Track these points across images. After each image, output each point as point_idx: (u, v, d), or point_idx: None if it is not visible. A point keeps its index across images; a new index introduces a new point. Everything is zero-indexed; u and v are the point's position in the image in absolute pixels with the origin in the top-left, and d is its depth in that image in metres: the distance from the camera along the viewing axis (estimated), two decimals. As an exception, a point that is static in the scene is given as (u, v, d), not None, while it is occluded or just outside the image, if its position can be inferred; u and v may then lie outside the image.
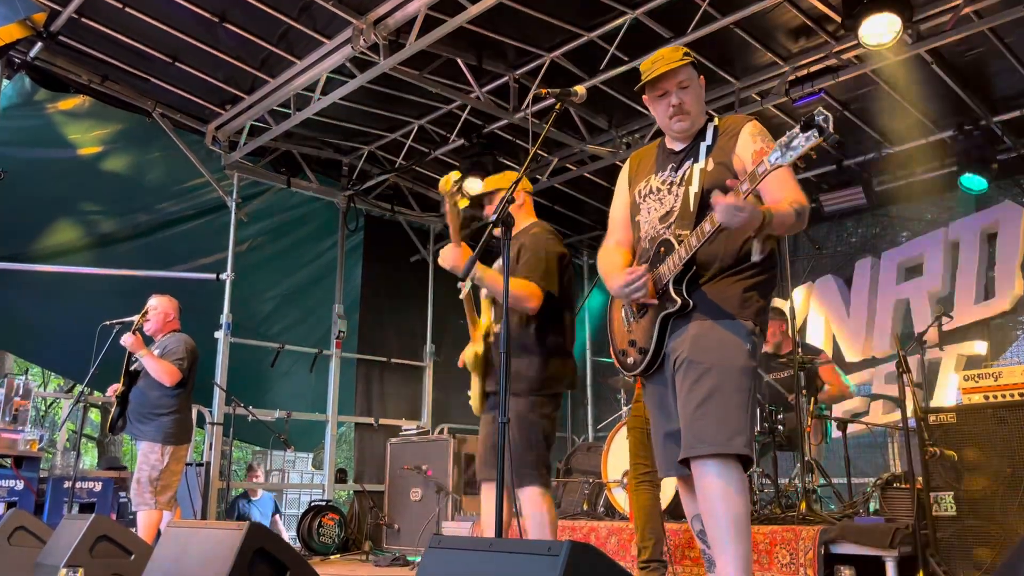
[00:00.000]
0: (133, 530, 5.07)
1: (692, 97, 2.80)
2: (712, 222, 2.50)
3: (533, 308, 3.32)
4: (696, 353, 2.58)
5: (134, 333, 5.06)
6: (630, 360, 2.83)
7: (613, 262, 2.90)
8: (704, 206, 2.58)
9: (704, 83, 2.88)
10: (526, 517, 3.32)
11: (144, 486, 4.98)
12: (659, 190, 2.83)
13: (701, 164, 2.73)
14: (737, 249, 2.66)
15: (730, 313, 2.62)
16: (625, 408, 6.31)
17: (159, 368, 5.06)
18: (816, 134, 2.23)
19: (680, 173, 2.79)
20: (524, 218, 3.69)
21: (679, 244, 2.63)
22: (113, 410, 5.19)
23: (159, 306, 5.38)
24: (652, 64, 2.79)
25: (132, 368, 5.24)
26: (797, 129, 2.26)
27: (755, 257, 2.55)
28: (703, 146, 2.78)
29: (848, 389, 6.10)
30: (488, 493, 3.56)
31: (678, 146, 2.87)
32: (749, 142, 2.69)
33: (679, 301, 2.62)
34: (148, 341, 5.35)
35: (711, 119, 2.87)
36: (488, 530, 3.16)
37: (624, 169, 3.08)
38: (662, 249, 2.70)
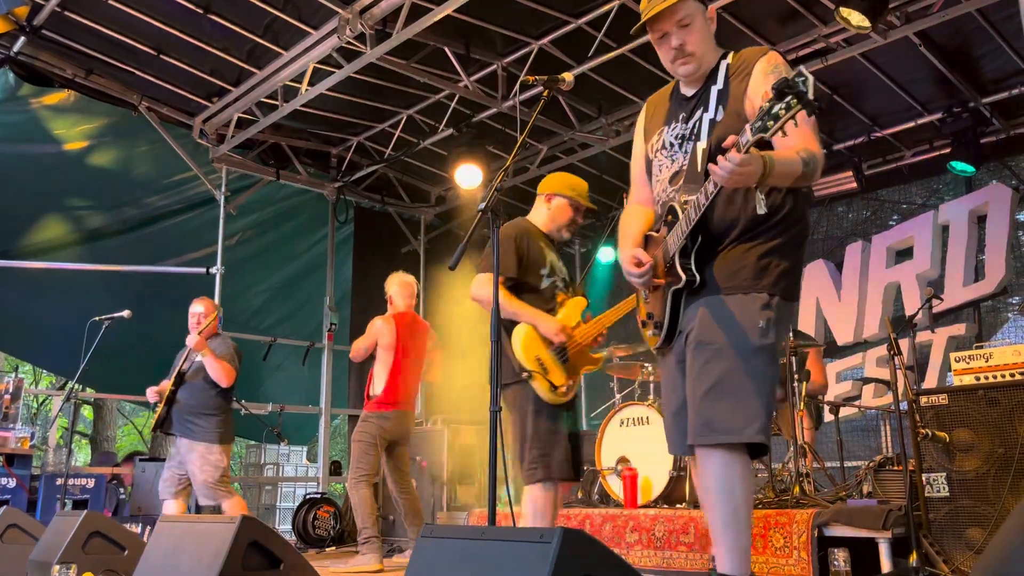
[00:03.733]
0: (128, 526, 5.08)
1: (696, 36, 2.51)
2: (711, 188, 2.29)
3: None
4: (704, 333, 2.39)
5: (201, 335, 5.09)
6: (649, 333, 2.63)
7: (629, 230, 2.67)
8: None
9: (713, 16, 2.58)
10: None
11: (214, 485, 5.09)
12: (671, 145, 2.58)
13: (711, 114, 2.48)
14: (751, 211, 2.39)
15: (743, 285, 2.39)
16: (618, 396, 6.31)
17: (220, 369, 5.12)
18: (794, 101, 1.98)
19: (690, 125, 2.54)
20: None
21: (682, 212, 2.40)
22: (160, 409, 5.21)
23: (207, 310, 5.39)
24: (648, 3, 2.52)
25: (182, 369, 5.27)
26: (773, 95, 2.02)
27: (760, 210, 2.24)
28: (714, 91, 2.50)
29: (826, 381, 6.10)
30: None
31: (689, 91, 2.60)
32: (761, 82, 2.40)
33: (684, 277, 2.41)
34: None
35: (726, 55, 2.56)
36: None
37: (640, 117, 2.82)
38: (669, 217, 2.48)
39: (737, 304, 2.39)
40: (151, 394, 5.29)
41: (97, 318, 5.43)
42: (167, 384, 5.26)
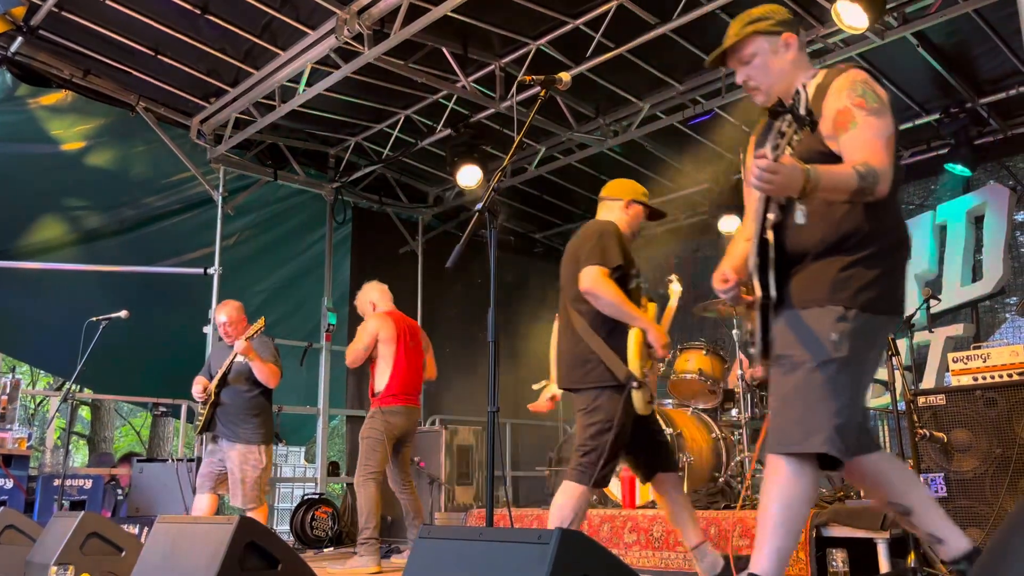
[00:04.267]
0: (125, 527, 5.07)
1: (760, 71, 2.61)
2: (759, 206, 2.35)
3: None
4: (780, 347, 2.46)
5: (247, 340, 5.11)
6: (751, 350, 2.67)
7: (732, 249, 2.76)
8: None
9: (791, 40, 2.62)
10: None
11: (251, 486, 5.12)
12: None
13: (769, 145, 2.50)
14: (834, 228, 2.43)
15: (818, 299, 2.41)
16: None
17: (267, 371, 5.16)
18: (791, 120, 2.10)
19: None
20: None
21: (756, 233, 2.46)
22: (207, 411, 5.24)
23: (233, 316, 5.42)
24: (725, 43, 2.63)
25: (225, 371, 5.28)
26: (771, 115, 2.12)
27: (799, 220, 2.28)
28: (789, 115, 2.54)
29: None
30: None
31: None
32: (834, 101, 2.45)
33: (759, 293, 2.44)
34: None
35: (816, 75, 2.60)
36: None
37: (749, 146, 2.90)
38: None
39: (811, 317, 2.42)
40: (198, 392, 5.27)
41: (94, 318, 5.42)
42: (209, 384, 5.27)
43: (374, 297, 5.73)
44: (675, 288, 4.26)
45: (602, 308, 3.39)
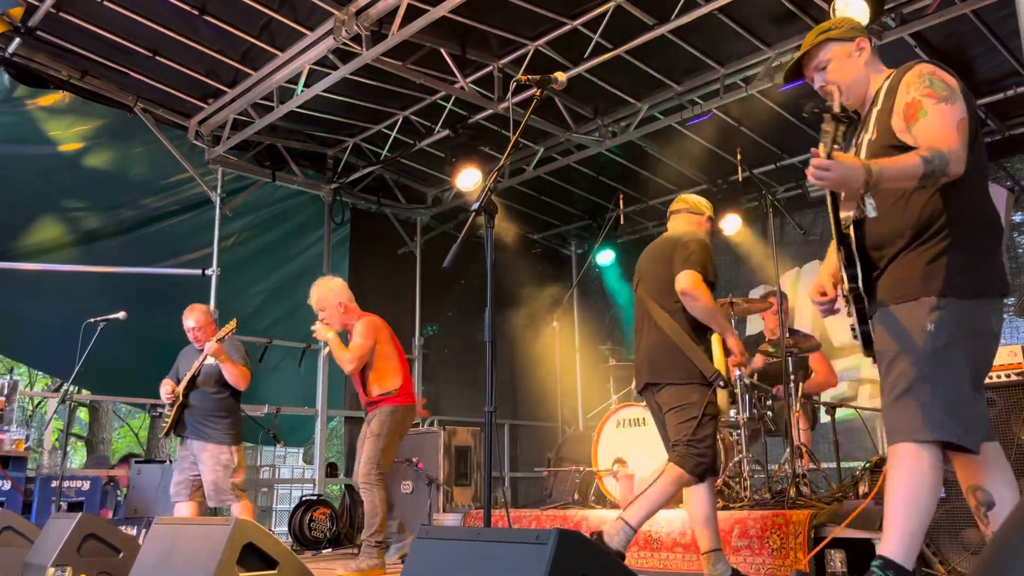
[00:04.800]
0: (123, 529, 5.06)
1: (836, 74, 2.69)
2: (829, 195, 2.45)
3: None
4: (880, 345, 2.52)
5: (218, 341, 5.05)
6: (855, 341, 2.74)
7: (828, 258, 2.84)
8: None
9: (864, 46, 2.71)
10: None
11: (221, 487, 5.08)
12: None
13: (870, 134, 2.60)
14: (915, 218, 2.47)
15: (909, 293, 2.45)
16: (615, 397, 6.32)
17: (237, 373, 5.12)
18: (829, 118, 2.23)
19: (854, 147, 2.68)
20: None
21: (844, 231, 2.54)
22: (173, 412, 5.19)
23: (202, 319, 5.33)
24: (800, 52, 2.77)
25: (194, 373, 5.23)
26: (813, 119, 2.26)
27: (870, 214, 2.38)
28: (874, 112, 2.62)
29: (836, 378, 6.13)
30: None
31: (860, 115, 2.74)
32: (903, 94, 2.52)
33: (848, 285, 2.54)
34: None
35: (890, 76, 2.67)
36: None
37: None
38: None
39: (905, 312, 2.46)
40: (166, 393, 5.23)
41: (93, 319, 5.41)
42: (175, 386, 5.22)
43: (344, 297, 5.28)
44: None
45: (695, 311, 3.59)
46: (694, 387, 3.59)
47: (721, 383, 3.56)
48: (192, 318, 5.33)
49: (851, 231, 2.56)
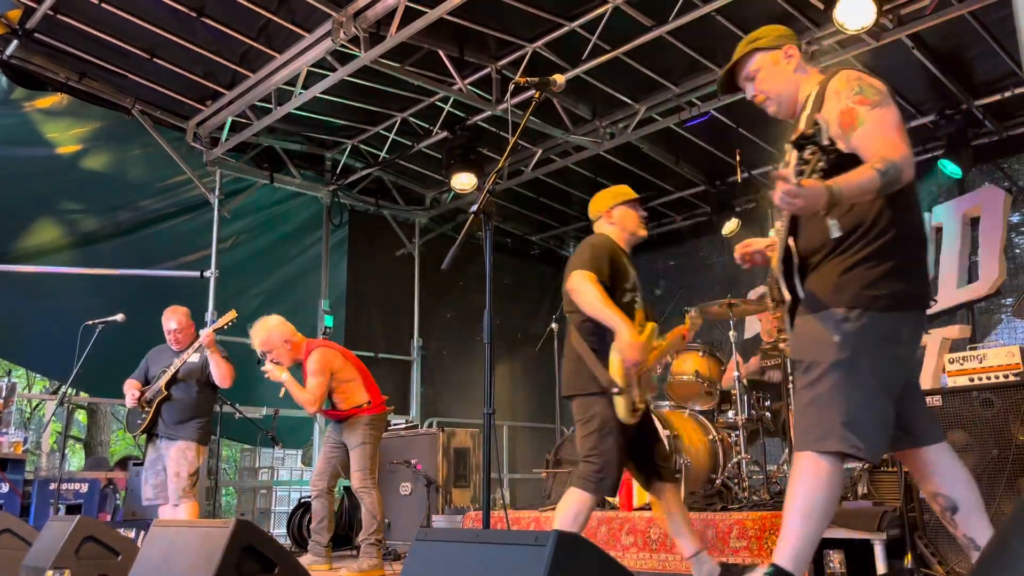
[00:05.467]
0: (121, 531, 5.05)
1: (765, 83, 2.72)
2: (780, 224, 2.49)
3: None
4: (794, 351, 2.55)
5: (213, 331, 5.08)
6: (783, 345, 2.74)
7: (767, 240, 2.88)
8: None
9: (792, 53, 2.71)
10: None
11: (183, 479, 5.10)
12: None
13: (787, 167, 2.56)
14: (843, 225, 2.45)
15: (823, 302, 2.46)
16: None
17: (226, 369, 5.12)
18: (815, 149, 2.19)
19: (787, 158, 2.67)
20: None
21: (777, 236, 2.59)
22: (152, 410, 5.17)
23: (183, 321, 5.34)
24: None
25: (177, 368, 5.22)
26: (794, 148, 2.23)
27: (833, 234, 2.34)
28: (803, 117, 2.61)
29: None
30: None
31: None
32: (834, 102, 2.48)
33: (788, 296, 2.54)
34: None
35: (825, 80, 2.61)
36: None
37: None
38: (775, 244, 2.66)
39: (816, 321, 2.47)
40: (132, 400, 5.20)
41: (91, 322, 5.40)
42: (136, 383, 5.22)
43: (287, 333, 5.25)
44: (693, 320, 4.14)
45: (583, 306, 3.40)
46: (596, 398, 3.42)
47: (614, 390, 3.34)
48: (175, 320, 5.32)
49: (792, 242, 2.54)
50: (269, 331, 5.22)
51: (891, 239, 2.45)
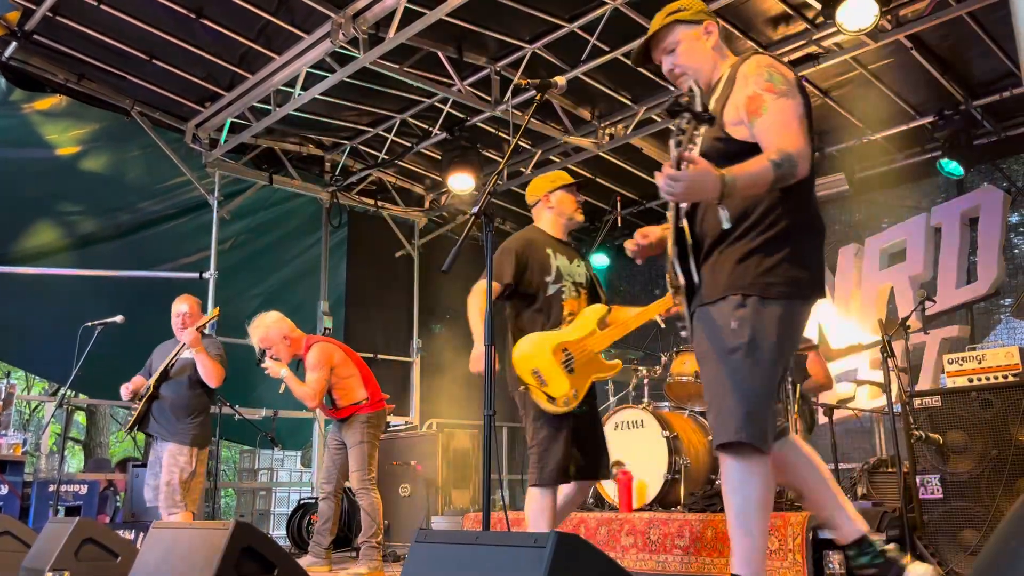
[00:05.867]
0: (121, 533, 5.04)
1: (683, 57, 2.63)
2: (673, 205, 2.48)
3: None
4: (695, 345, 2.54)
5: (198, 331, 4.96)
6: (684, 334, 2.73)
7: (660, 229, 2.85)
8: None
9: (713, 28, 2.66)
10: None
11: (175, 489, 4.92)
12: None
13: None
14: (735, 211, 2.43)
15: (719, 291, 2.44)
16: (613, 400, 6.32)
17: (212, 368, 4.99)
18: (690, 117, 2.16)
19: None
20: None
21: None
22: (141, 406, 5.06)
23: (193, 309, 5.25)
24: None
25: (169, 364, 5.12)
26: (669, 116, 2.24)
27: (724, 225, 2.32)
28: (712, 100, 2.55)
29: (831, 381, 6.12)
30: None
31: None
32: (742, 86, 2.45)
33: (682, 281, 2.53)
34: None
35: (739, 62, 2.58)
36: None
37: None
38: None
39: (715, 311, 2.45)
40: (125, 392, 5.14)
41: (90, 323, 5.40)
42: (142, 380, 5.12)
43: (285, 329, 5.26)
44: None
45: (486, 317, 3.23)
46: (521, 393, 3.53)
47: (522, 388, 3.44)
48: (186, 304, 5.26)
49: (685, 225, 2.54)
50: (267, 327, 5.23)
51: (787, 227, 2.44)
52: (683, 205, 2.54)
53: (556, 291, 3.61)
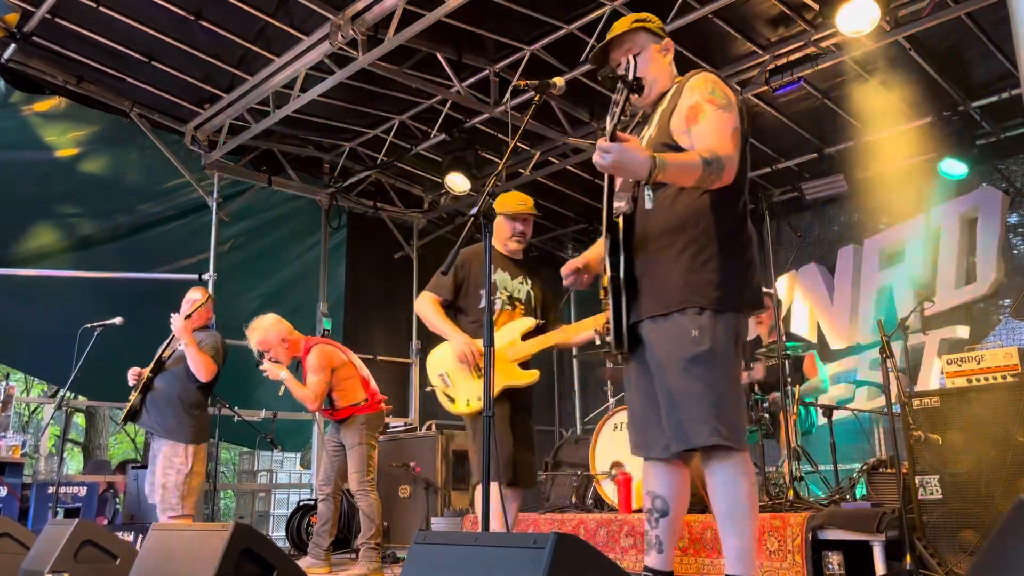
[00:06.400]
0: (120, 535, 5.02)
1: (645, 63, 2.73)
2: (607, 177, 2.58)
3: None
4: (654, 354, 2.60)
5: (186, 318, 4.87)
6: (607, 339, 2.78)
7: (589, 251, 2.92)
8: None
9: (670, 48, 2.81)
10: None
11: (172, 491, 4.81)
12: None
13: (651, 131, 2.71)
14: (679, 219, 2.59)
15: (674, 303, 2.56)
16: (612, 400, 6.32)
17: (200, 361, 4.84)
18: (621, 86, 2.34)
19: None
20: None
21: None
22: (134, 398, 4.94)
23: (201, 299, 5.15)
24: (608, 36, 2.80)
25: (163, 356, 5.04)
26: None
27: (647, 205, 2.41)
28: (659, 110, 2.72)
29: (821, 384, 6.12)
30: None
31: (647, 112, 2.86)
32: (687, 98, 2.62)
33: (610, 274, 2.61)
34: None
35: (685, 79, 2.76)
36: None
37: None
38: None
39: (673, 322, 2.56)
40: (132, 375, 5.04)
41: (89, 325, 5.39)
42: (143, 371, 5.01)
43: (284, 331, 5.24)
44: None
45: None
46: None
47: (428, 388, 3.76)
48: (200, 292, 5.21)
49: (620, 221, 2.64)
50: (265, 330, 5.21)
51: (733, 242, 2.61)
52: (623, 204, 2.66)
53: (487, 304, 3.70)
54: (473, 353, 3.60)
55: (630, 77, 2.33)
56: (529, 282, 3.91)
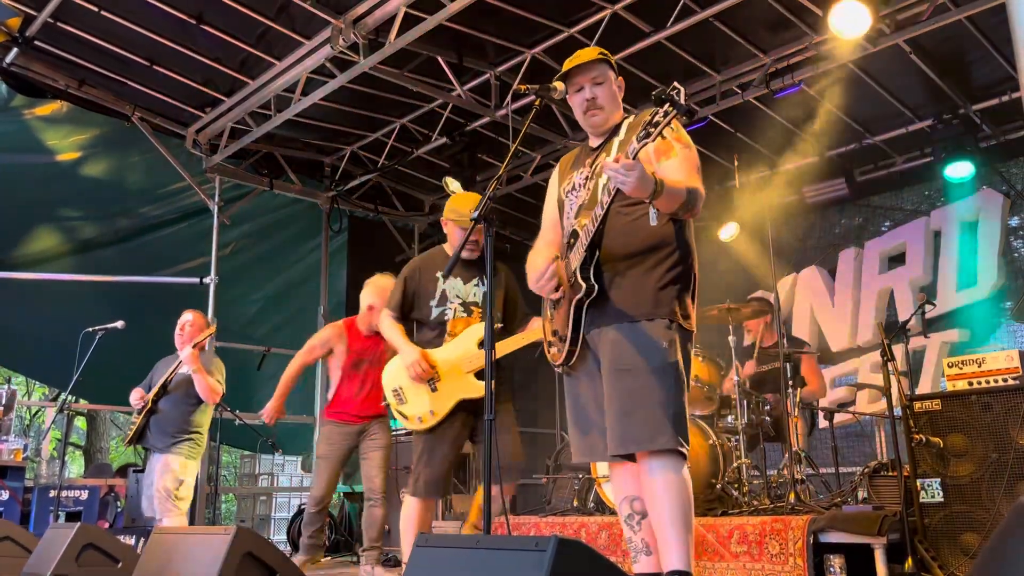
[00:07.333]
0: (122, 538, 5.03)
1: (606, 93, 2.93)
2: (606, 199, 2.68)
3: None
4: (617, 358, 2.70)
5: (195, 348, 5.02)
6: (555, 350, 2.92)
7: (534, 261, 2.99)
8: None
9: (623, 84, 3.02)
10: None
11: (167, 494, 4.99)
12: (579, 186, 2.97)
13: (611, 157, 2.79)
14: (644, 240, 2.76)
15: (646, 312, 2.72)
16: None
17: (208, 387, 5.05)
18: (669, 107, 2.40)
19: (594, 167, 2.91)
20: None
21: (582, 231, 2.77)
22: (140, 420, 5.11)
23: (196, 321, 5.30)
24: (570, 62, 2.98)
25: (168, 379, 5.16)
26: (653, 102, 2.43)
27: (653, 222, 2.64)
28: (616, 141, 2.89)
29: (825, 389, 6.11)
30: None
31: (596, 143, 3.01)
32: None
33: (584, 286, 2.72)
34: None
35: (628, 117, 2.98)
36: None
37: (555, 170, 3.27)
38: (571, 240, 2.85)
39: (644, 329, 2.71)
40: (136, 399, 5.15)
41: (90, 329, 5.40)
42: (146, 395, 5.15)
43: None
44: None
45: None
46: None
47: (383, 404, 3.87)
48: (192, 313, 5.31)
49: (591, 237, 2.78)
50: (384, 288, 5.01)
51: (688, 266, 2.85)
52: (586, 222, 2.79)
53: (439, 313, 3.80)
54: (424, 368, 3.63)
55: (682, 101, 2.41)
56: (486, 282, 3.79)
